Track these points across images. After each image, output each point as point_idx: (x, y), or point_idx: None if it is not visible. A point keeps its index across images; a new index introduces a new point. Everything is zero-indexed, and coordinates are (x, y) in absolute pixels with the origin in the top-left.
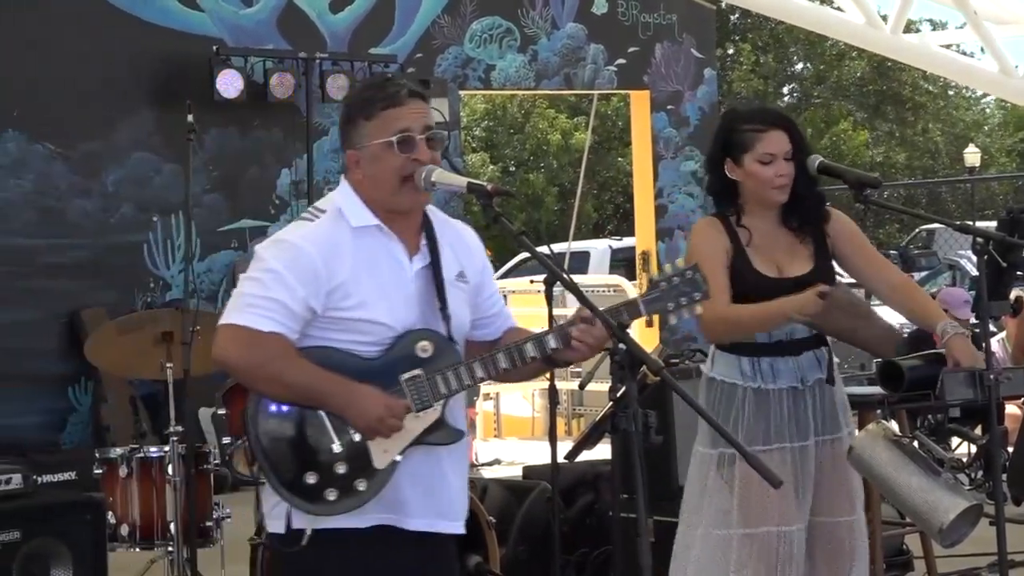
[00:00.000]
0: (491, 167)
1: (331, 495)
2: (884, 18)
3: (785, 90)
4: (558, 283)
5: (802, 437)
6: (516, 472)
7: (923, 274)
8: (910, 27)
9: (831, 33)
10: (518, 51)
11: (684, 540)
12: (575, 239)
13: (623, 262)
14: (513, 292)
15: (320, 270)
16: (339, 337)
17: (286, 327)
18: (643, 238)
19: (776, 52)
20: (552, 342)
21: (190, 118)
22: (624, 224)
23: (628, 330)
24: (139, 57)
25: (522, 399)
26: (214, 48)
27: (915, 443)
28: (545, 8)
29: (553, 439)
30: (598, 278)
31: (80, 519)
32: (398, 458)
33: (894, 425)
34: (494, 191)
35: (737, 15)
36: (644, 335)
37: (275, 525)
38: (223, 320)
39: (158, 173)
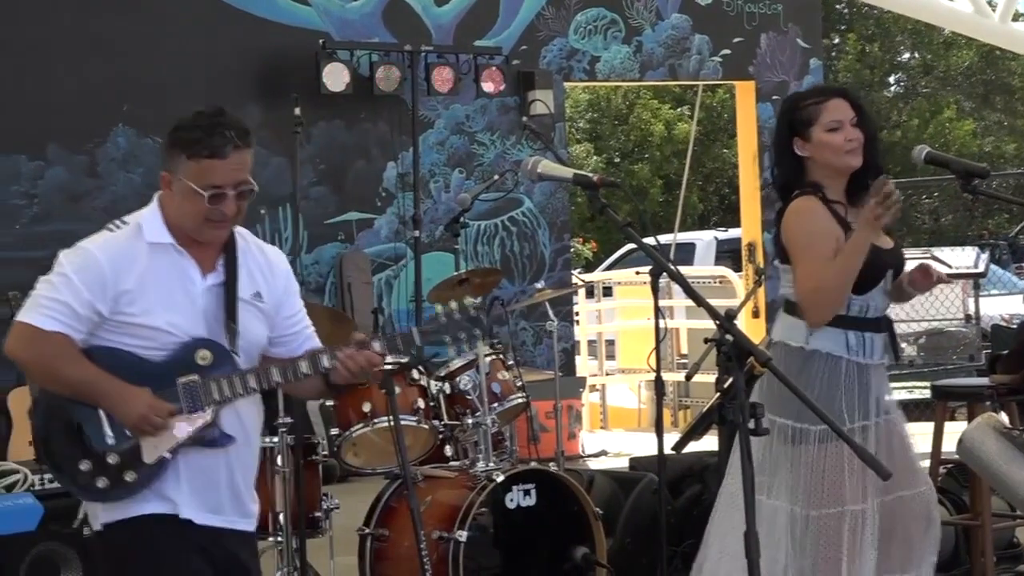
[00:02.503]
0: (595, 158)
1: (101, 483)
2: (993, 6)
3: (891, 80)
4: (664, 274)
5: (886, 411)
6: (623, 463)
7: None
8: (1019, 15)
9: (938, 22)
10: (623, 42)
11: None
12: (681, 230)
13: (729, 253)
14: (619, 284)
15: (107, 276)
16: (126, 340)
17: (70, 327)
18: (749, 229)
19: (882, 42)
20: (325, 361)
21: (297, 111)
22: (730, 215)
23: (736, 321)
24: (246, 51)
25: (628, 391)
26: (320, 42)
27: None
28: None
29: (660, 430)
30: (704, 269)
31: None
32: (167, 455)
33: (1004, 417)
34: (600, 182)
35: (843, 4)
36: (751, 326)
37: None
38: (16, 317)
39: (265, 166)
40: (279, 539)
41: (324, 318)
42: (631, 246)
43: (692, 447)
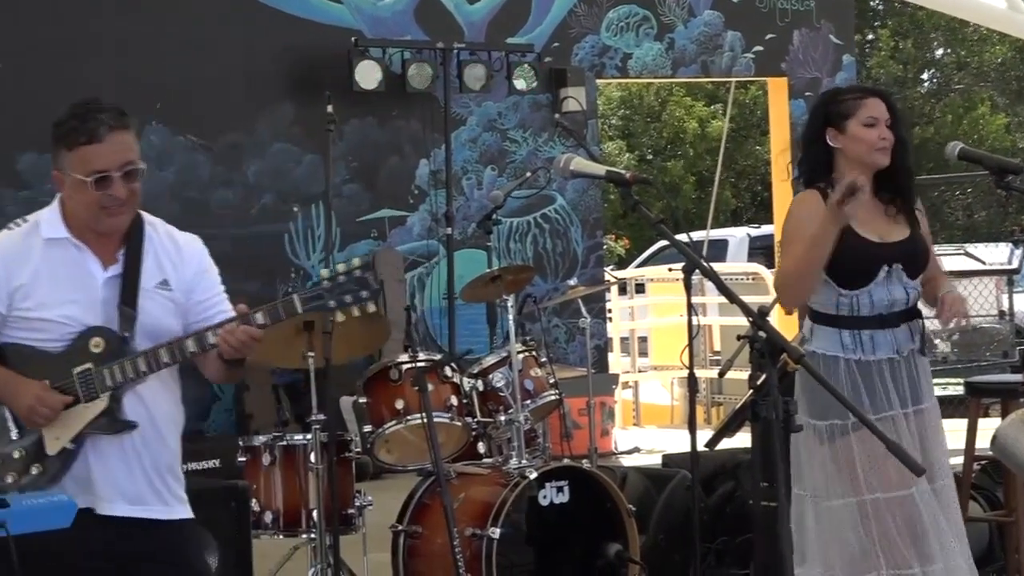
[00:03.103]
0: (628, 155)
1: (9, 478)
2: None
3: (925, 76)
4: (697, 271)
5: (902, 405)
6: (655, 460)
7: None
8: None
9: (972, 18)
10: (655, 39)
11: (797, 509)
12: (713, 227)
13: (761, 250)
14: (651, 280)
15: (0, 273)
16: (26, 335)
17: None
18: (782, 226)
19: (916, 38)
20: (211, 338)
21: (330, 109)
22: (762, 212)
23: (769, 317)
24: (279, 49)
25: (661, 387)
26: (352, 40)
27: None
28: None
29: (692, 427)
30: (736, 266)
31: (225, 506)
32: (69, 446)
33: None
34: (632, 179)
35: (877, 1)
36: (784, 323)
37: None
38: None
39: (298, 164)
40: (312, 536)
41: (357, 316)
42: (664, 243)
43: (725, 444)
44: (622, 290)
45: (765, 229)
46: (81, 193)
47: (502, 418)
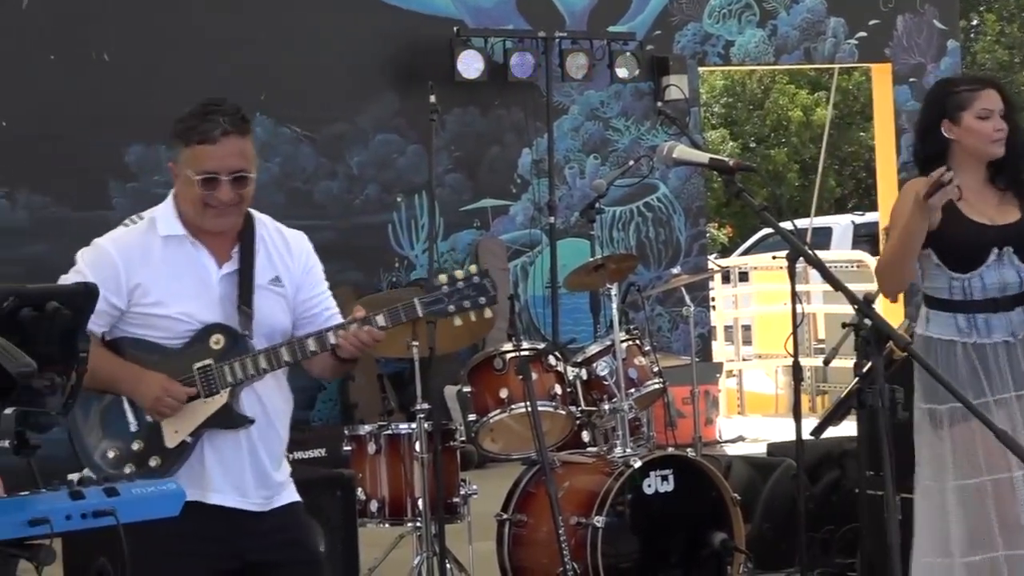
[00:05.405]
0: (731, 143)
1: (127, 469)
2: None
3: None
4: (801, 259)
5: (1016, 387)
6: (760, 449)
7: None
8: None
9: None
10: (757, 26)
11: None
12: (817, 214)
13: (866, 237)
14: (755, 268)
15: (119, 270)
16: (145, 331)
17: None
18: (886, 213)
19: (1021, 22)
20: (332, 338)
21: (432, 99)
22: (866, 199)
23: (874, 305)
24: (382, 40)
25: (765, 376)
26: (455, 29)
27: None
28: None
29: (797, 416)
30: (841, 253)
31: (331, 495)
32: (188, 439)
33: None
34: (736, 166)
35: None
36: (890, 311)
37: None
38: None
39: (401, 154)
40: (418, 524)
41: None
42: (767, 231)
43: (831, 432)
44: (725, 278)
45: (869, 216)
46: (189, 189)
47: (606, 407)
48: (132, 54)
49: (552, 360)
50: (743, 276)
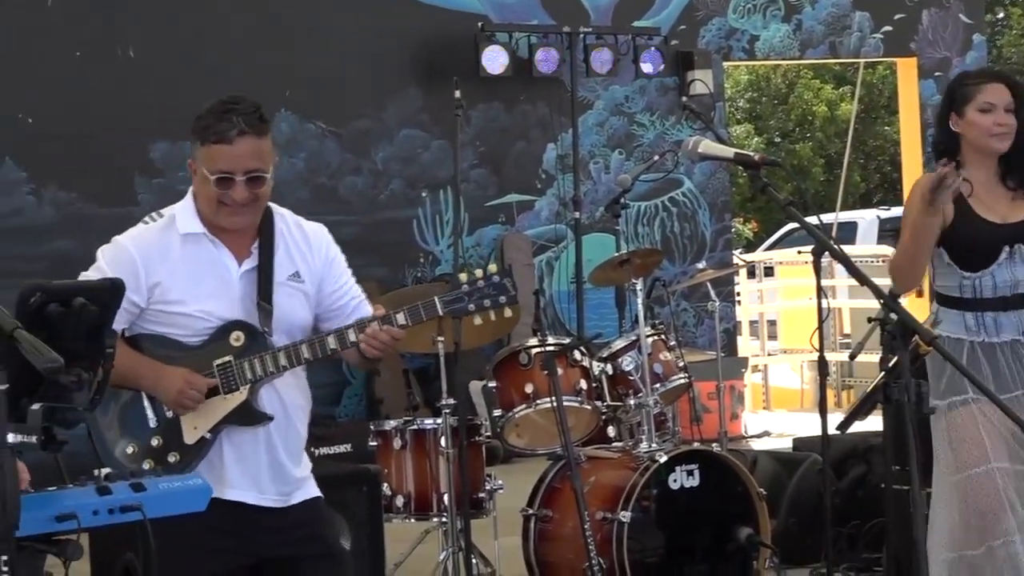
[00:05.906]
0: (756, 138)
1: (147, 464)
2: None
3: None
4: (827, 253)
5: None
6: (786, 444)
7: None
8: None
9: None
10: (782, 20)
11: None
12: (842, 209)
13: (891, 232)
14: (780, 263)
15: (139, 268)
16: (165, 328)
17: None
18: None
19: None
20: (352, 336)
21: (457, 94)
22: (892, 194)
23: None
24: (406, 35)
25: (791, 371)
26: (479, 25)
27: None
28: None
29: (823, 410)
30: (866, 248)
31: (357, 491)
32: (207, 435)
33: None
34: (761, 161)
35: None
36: (915, 305)
37: None
38: None
39: (426, 149)
40: (444, 519)
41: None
42: (792, 225)
43: (856, 427)
44: (751, 273)
45: (895, 211)
46: (204, 186)
47: (631, 402)
48: (157, 51)
49: (577, 355)
50: (768, 271)
